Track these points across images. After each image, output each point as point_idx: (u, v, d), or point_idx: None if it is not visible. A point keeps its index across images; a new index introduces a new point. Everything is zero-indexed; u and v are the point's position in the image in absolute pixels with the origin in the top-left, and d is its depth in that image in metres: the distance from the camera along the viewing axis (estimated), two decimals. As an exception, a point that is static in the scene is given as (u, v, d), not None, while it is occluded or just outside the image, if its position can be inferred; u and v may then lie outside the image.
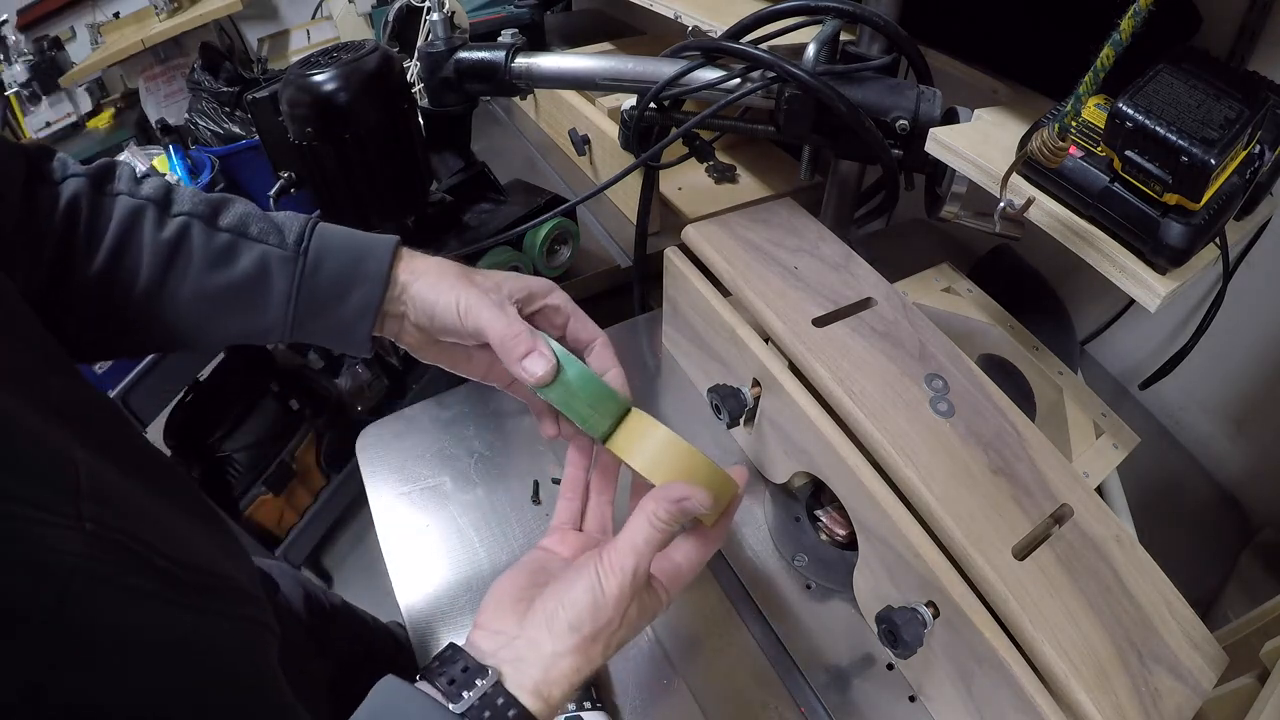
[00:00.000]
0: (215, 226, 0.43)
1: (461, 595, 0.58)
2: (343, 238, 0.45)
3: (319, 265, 0.44)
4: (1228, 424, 0.76)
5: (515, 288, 0.46)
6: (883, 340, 0.57)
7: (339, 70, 0.56)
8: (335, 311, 0.44)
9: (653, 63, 0.63)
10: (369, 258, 0.44)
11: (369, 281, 0.44)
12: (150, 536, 0.33)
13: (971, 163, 0.53)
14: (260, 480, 1.42)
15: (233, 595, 0.38)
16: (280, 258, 0.43)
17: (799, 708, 0.52)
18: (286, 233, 0.44)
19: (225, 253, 0.43)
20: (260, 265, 0.43)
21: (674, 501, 0.38)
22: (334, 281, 0.44)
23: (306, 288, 0.44)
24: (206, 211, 0.43)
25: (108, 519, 0.30)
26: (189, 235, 0.42)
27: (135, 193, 0.43)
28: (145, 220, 0.42)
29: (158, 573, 0.33)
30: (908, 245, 0.98)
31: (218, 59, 1.21)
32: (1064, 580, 0.44)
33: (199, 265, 0.42)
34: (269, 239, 0.43)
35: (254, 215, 0.44)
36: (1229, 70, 0.45)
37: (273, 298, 0.43)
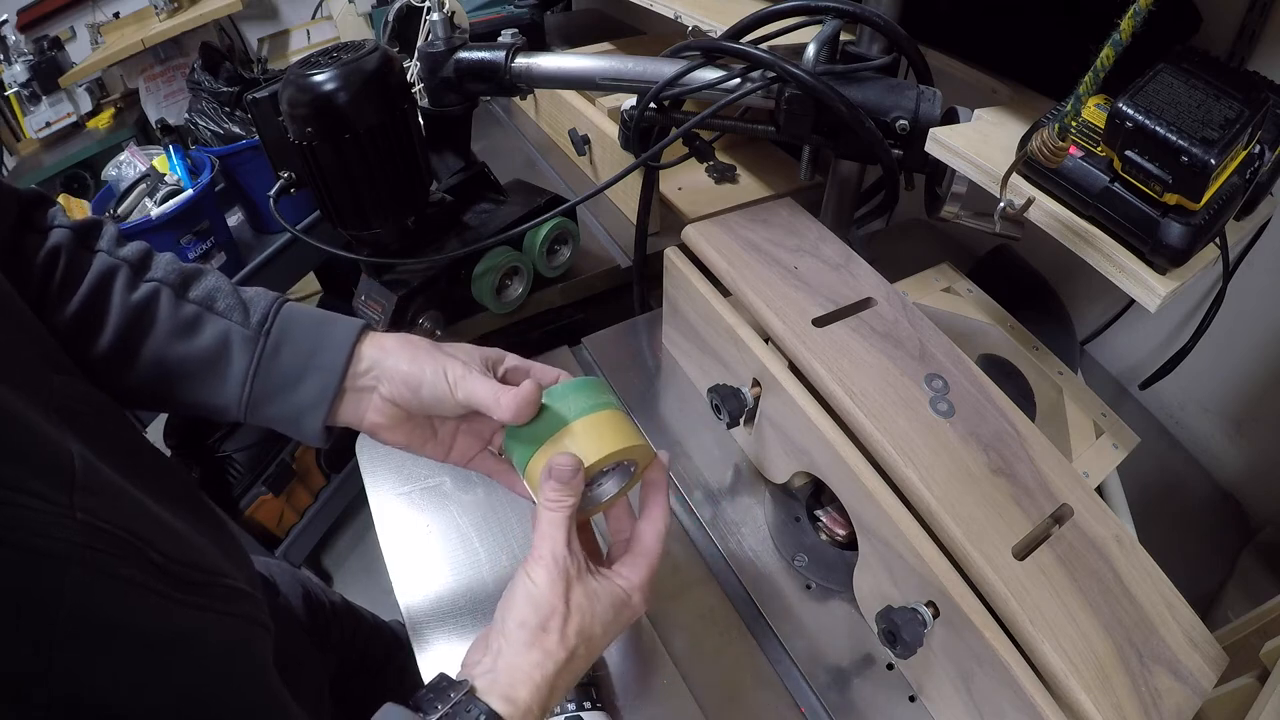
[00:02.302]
0: (184, 297, 0.44)
1: (461, 595, 0.58)
2: (307, 323, 0.45)
3: (278, 348, 0.44)
4: (1227, 424, 0.76)
5: (486, 355, 0.47)
6: (883, 340, 0.57)
7: (339, 70, 0.56)
8: (289, 398, 0.44)
9: (653, 63, 0.63)
10: (328, 345, 0.44)
11: (325, 371, 0.44)
12: (145, 532, 0.33)
13: (971, 163, 0.53)
14: (260, 480, 1.42)
15: (228, 592, 0.39)
16: (242, 336, 0.43)
17: (799, 708, 0.52)
18: (252, 311, 0.44)
19: (189, 324, 0.43)
20: (221, 341, 0.43)
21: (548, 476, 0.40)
22: (291, 366, 0.44)
23: (264, 370, 0.43)
24: (177, 280, 0.44)
25: (101, 511, 0.31)
26: (157, 301, 0.43)
27: (114, 252, 0.44)
28: (118, 280, 0.43)
29: (153, 567, 0.33)
30: (908, 245, 0.98)
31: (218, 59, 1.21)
32: (1064, 580, 0.44)
33: (163, 332, 0.43)
34: (233, 315, 0.44)
35: (222, 290, 0.45)
36: (1229, 70, 0.45)
37: (230, 376, 0.43)
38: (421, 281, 0.71)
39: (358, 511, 1.62)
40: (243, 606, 0.39)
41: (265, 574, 0.67)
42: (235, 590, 0.39)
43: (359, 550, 1.60)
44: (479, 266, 0.74)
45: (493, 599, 0.57)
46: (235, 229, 1.21)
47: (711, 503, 0.65)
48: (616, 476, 0.48)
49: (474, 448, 0.50)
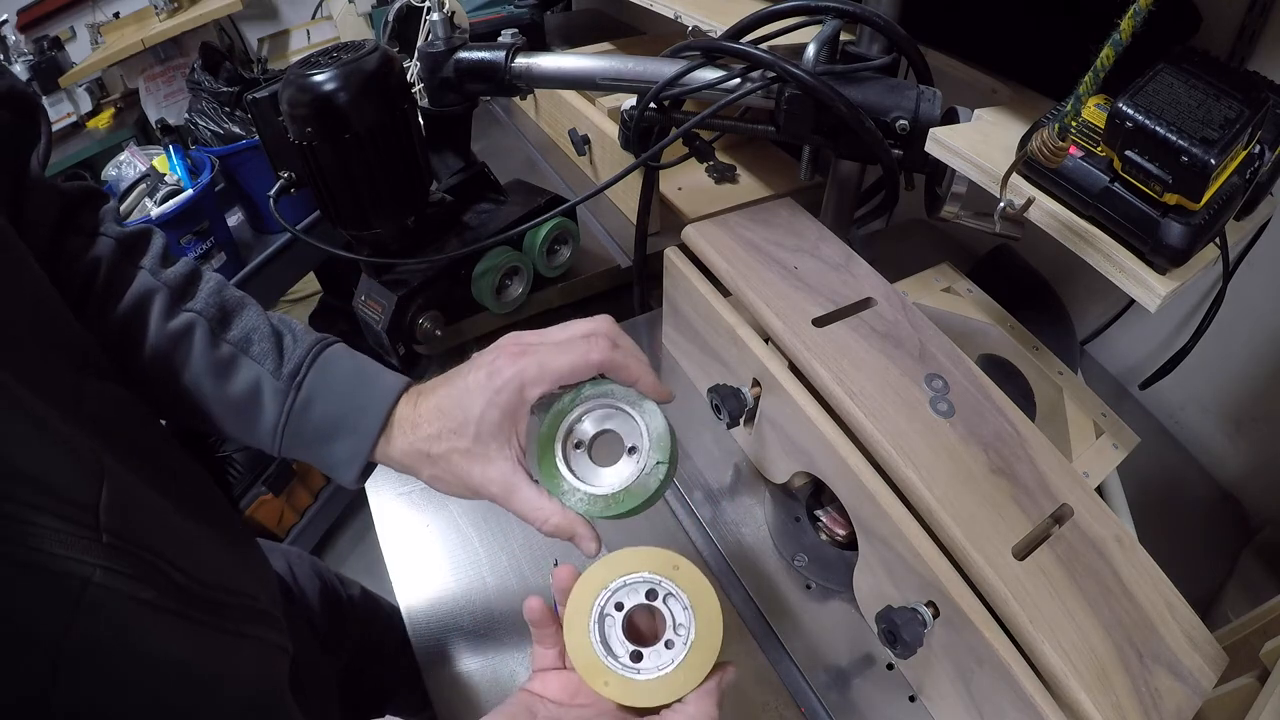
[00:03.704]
0: (221, 335, 0.42)
1: (461, 595, 0.58)
2: (344, 378, 0.43)
3: (309, 404, 0.42)
4: (1227, 423, 0.76)
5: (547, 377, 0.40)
6: (883, 340, 0.57)
7: (339, 70, 0.56)
8: (322, 450, 0.43)
9: (653, 63, 0.63)
10: (363, 408, 0.42)
11: (358, 436, 0.42)
12: (169, 550, 0.33)
13: (971, 163, 0.53)
14: (260, 480, 1.42)
15: (248, 614, 0.38)
16: (273, 387, 0.42)
17: (799, 708, 0.52)
18: (286, 358, 0.42)
19: (224, 365, 0.42)
20: (253, 389, 0.42)
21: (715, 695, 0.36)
22: (323, 424, 0.42)
23: (294, 422, 0.42)
24: (216, 314, 0.43)
25: (127, 532, 0.31)
26: (192, 336, 0.42)
27: (157, 272, 0.43)
28: (155, 304, 0.42)
29: (173, 587, 0.33)
30: (908, 245, 0.98)
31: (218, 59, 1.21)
32: (1064, 580, 0.44)
33: (196, 369, 0.42)
34: (266, 362, 0.42)
35: (260, 331, 0.43)
36: (1229, 70, 0.45)
37: (262, 422, 0.42)
38: (421, 281, 0.71)
39: (358, 511, 1.62)
40: (262, 629, 0.39)
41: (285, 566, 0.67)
42: (256, 611, 0.39)
43: (359, 550, 1.60)
44: (479, 266, 0.74)
45: (492, 598, 0.57)
46: (235, 229, 1.21)
47: (711, 503, 0.65)
48: None
49: None
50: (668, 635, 0.37)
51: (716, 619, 0.37)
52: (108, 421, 0.35)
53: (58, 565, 0.27)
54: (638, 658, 0.37)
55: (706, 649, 0.36)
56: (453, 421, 0.39)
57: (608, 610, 0.38)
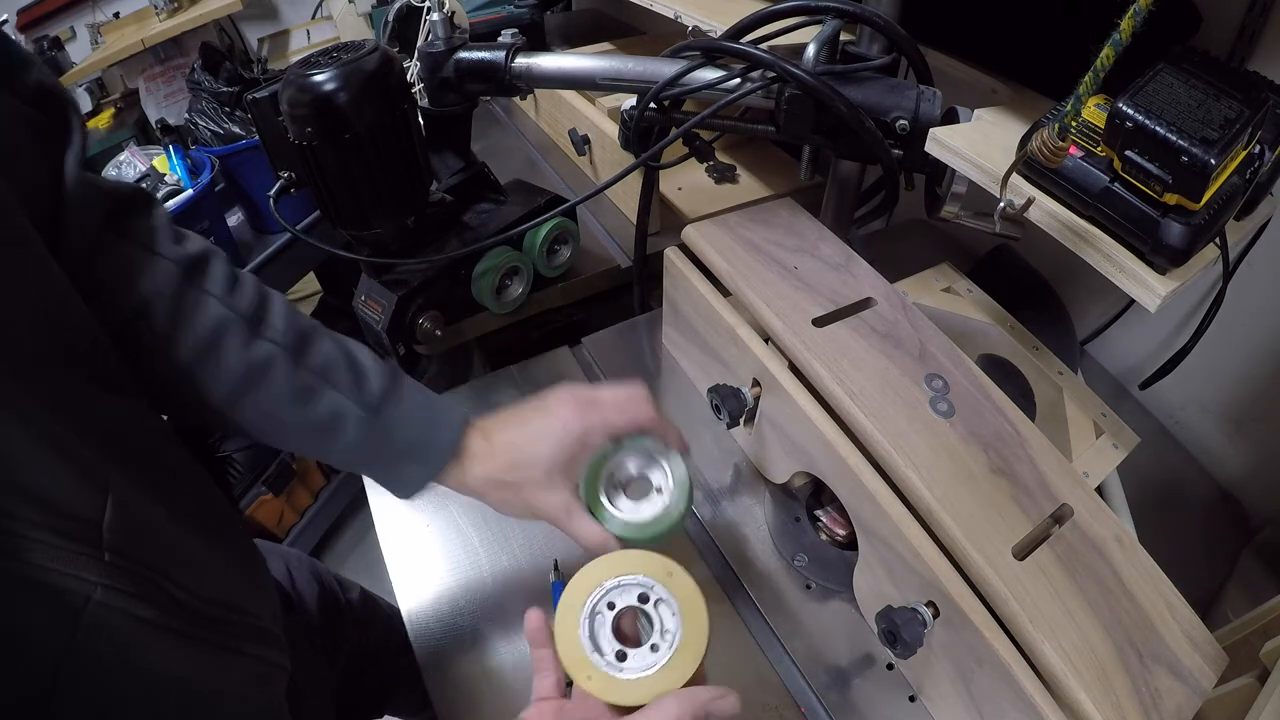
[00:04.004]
0: (300, 364, 0.44)
1: (461, 595, 0.58)
2: (418, 408, 0.47)
3: (389, 430, 0.45)
4: (1227, 424, 0.76)
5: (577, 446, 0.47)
6: (883, 340, 0.57)
7: (339, 70, 0.56)
8: (392, 470, 0.47)
9: (653, 63, 0.63)
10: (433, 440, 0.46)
11: (432, 461, 0.46)
12: (172, 568, 0.33)
13: (971, 163, 0.53)
14: (260, 480, 1.42)
15: (248, 632, 0.39)
16: (357, 416, 0.44)
17: (799, 708, 0.52)
18: (366, 389, 0.45)
19: (305, 393, 0.43)
20: (335, 415, 0.44)
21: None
22: (399, 447, 0.46)
23: (373, 446, 0.45)
24: (295, 343, 0.44)
25: (130, 549, 0.30)
26: (273, 366, 0.43)
27: (227, 301, 0.43)
28: (232, 336, 0.42)
29: (175, 605, 0.33)
30: (908, 245, 0.98)
31: (218, 59, 1.21)
32: (1064, 580, 0.44)
33: (277, 396, 0.43)
34: (349, 392, 0.44)
35: (339, 360, 0.45)
36: (1229, 70, 0.45)
37: (340, 445, 0.45)
38: (421, 281, 0.71)
39: (358, 511, 1.62)
40: (262, 648, 0.40)
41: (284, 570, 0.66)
42: (257, 630, 0.40)
43: (359, 550, 1.60)
44: (479, 266, 0.74)
45: (492, 597, 0.57)
46: (235, 229, 1.21)
47: (711, 503, 0.65)
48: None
49: None
50: (654, 639, 0.38)
51: (703, 628, 0.37)
52: (117, 436, 0.34)
53: (59, 582, 0.27)
54: (623, 657, 0.37)
55: (690, 656, 0.37)
56: (527, 458, 0.46)
57: (599, 608, 0.39)
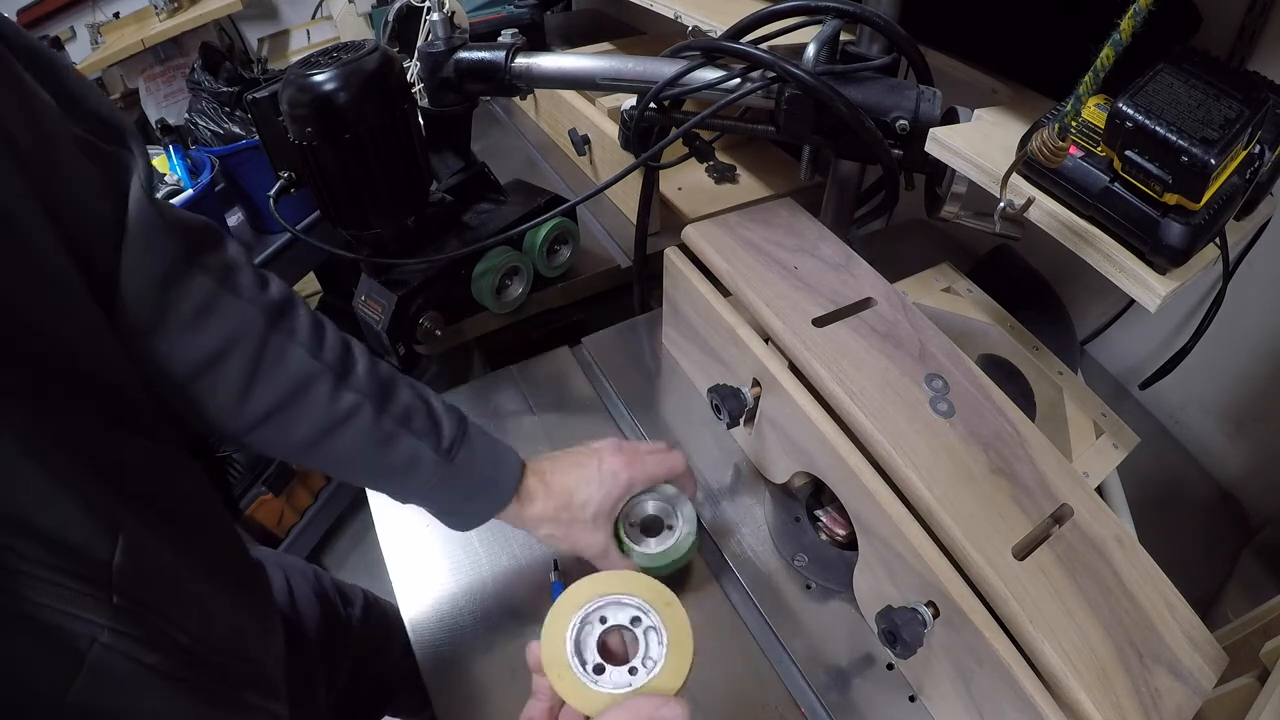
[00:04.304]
0: (384, 412, 0.46)
1: (461, 596, 0.58)
2: (483, 452, 0.50)
3: (459, 473, 0.48)
4: (1227, 424, 0.76)
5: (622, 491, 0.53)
6: (883, 340, 0.57)
7: (339, 70, 0.56)
8: (457, 507, 0.50)
9: (653, 63, 0.63)
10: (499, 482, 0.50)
11: (497, 499, 0.50)
12: (180, 614, 0.33)
13: (971, 163, 0.53)
14: (260, 480, 1.42)
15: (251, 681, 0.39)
16: (432, 460, 0.47)
17: (799, 708, 0.52)
18: (442, 435, 0.48)
19: (385, 439, 0.46)
20: (412, 459, 0.47)
21: None
22: (465, 488, 0.49)
23: (442, 488, 0.49)
24: (378, 394, 0.46)
25: (138, 593, 0.30)
26: (359, 416, 0.45)
27: (315, 352, 0.44)
28: (320, 387, 0.43)
29: (180, 652, 0.33)
30: (908, 245, 0.98)
31: (218, 59, 1.21)
32: (1064, 580, 0.44)
33: (358, 443, 0.45)
34: (427, 439, 0.47)
35: (418, 409, 0.48)
36: (1229, 70, 0.45)
37: (413, 485, 0.48)
38: (421, 281, 0.71)
39: (358, 511, 1.62)
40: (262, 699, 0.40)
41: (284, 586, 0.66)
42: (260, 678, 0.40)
43: (359, 550, 1.60)
44: (479, 266, 0.74)
45: (493, 598, 0.57)
46: (235, 229, 1.21)
47: (711, 503, 0.65)
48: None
49: None
50: (634, 663, 0.38)
51: (684, 666, 0.37)
52: (133, 476, 0.34)
53: (65, 623, 0.27)
54: (600, 670, 0.37)
55: (664, 688, 0.37)
56: (580, 500, 0.51)
57: (592, 618, 0.39)
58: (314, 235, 0.70)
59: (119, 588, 0.29)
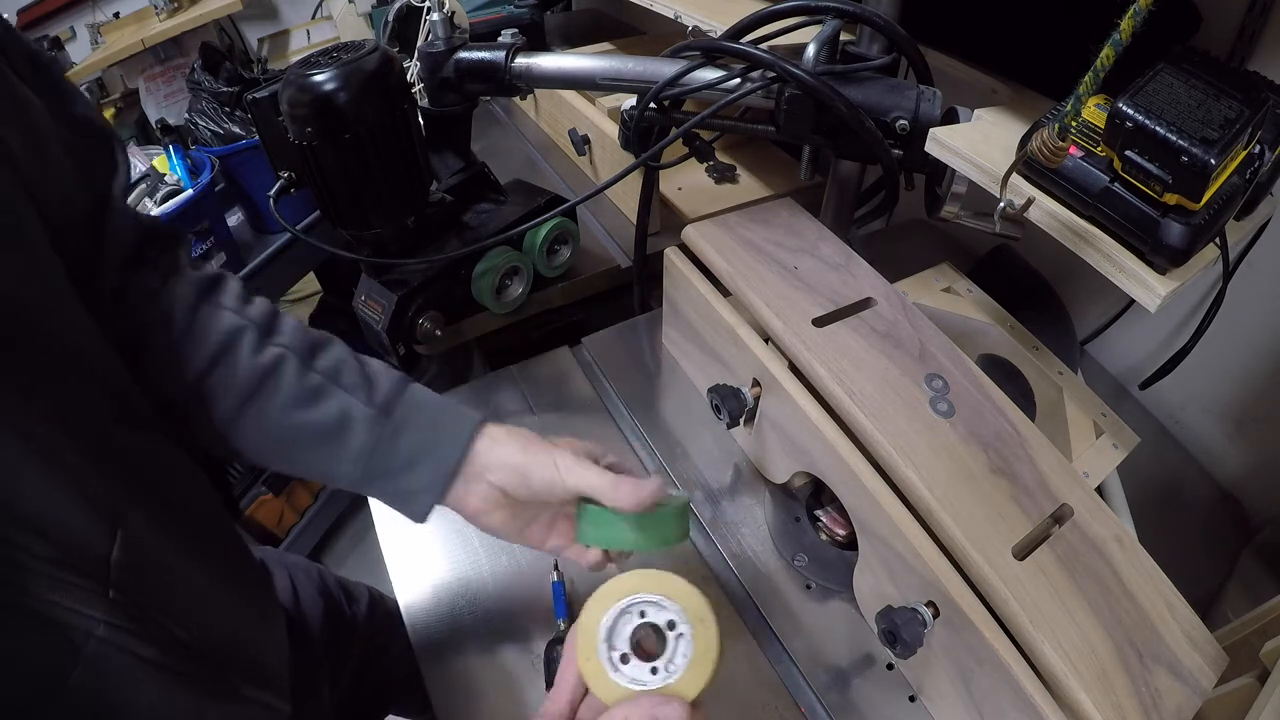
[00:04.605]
0: (309, 366, 0.43)
1: (460, 595, 0.58)
2: (428, 409, 0.45)
3: (398, 432, 0.44)
4: (1227, 424, 0.76)
5: (588, 449, 0.46)
6: (883, 340, 0.57)
7: (339, 70, 0.56)
8: (402, 480, 0.44)
9: (653, 63, 0.63)
10: (446, 437, 0.45)
11: (441, 461, 0.44)
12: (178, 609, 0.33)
13: (971, 163, 0.53)
14: (260, 480, 1.42)
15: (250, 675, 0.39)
16: (365, 415, 0.43)
17: (799, 708, 0.52)
18: (376, 390, 0.44)
19: (313, 395, 0.43)
20: (343, 416, 0.43)
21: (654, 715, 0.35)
22: (408, 452, 0.44)
23: (382, 450, 0.44)
24: (303, 348, 0.44)
25: (136, 588, 0.31)
26: (282, 367, 0.43)
27: (241, 312, 0.43)
28: (244, 341, 0.42)
29: (177, 646, 0.33)
30: (908, 245, 0.98)
31: (218, 59, 1.21)
32: (1064, 580, 0.44)
33: (285, 399, 0.43)
34: (357, 393, 0.44)
35: (348, 363, 0.45)
36: (1229, 70, 0.45)
37: (347, 451, 0.43)
38: (421, 281, 0.71)
39: (358, 511, 1.62)
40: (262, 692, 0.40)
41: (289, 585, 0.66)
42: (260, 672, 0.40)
43: (359, 550, 1.60)
44: (479, 266, 0.74)
45: (493, 598, 0.57)
46: (235, 229, 1.21)
47: (711, 503, 0.65)
48: None
49: (567, 537, 0.49)
50: (658, 663, 0.38)
51: (701, 681, 0.37)
52: (133, 469, 0.34)
53: (61, 616, 0.27)
54: (625, 660, 0.38)
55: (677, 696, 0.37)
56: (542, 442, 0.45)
57: (632, 610, 0.39)
58: (314, 235, 0.70)
59: (116, 583, 0.30)
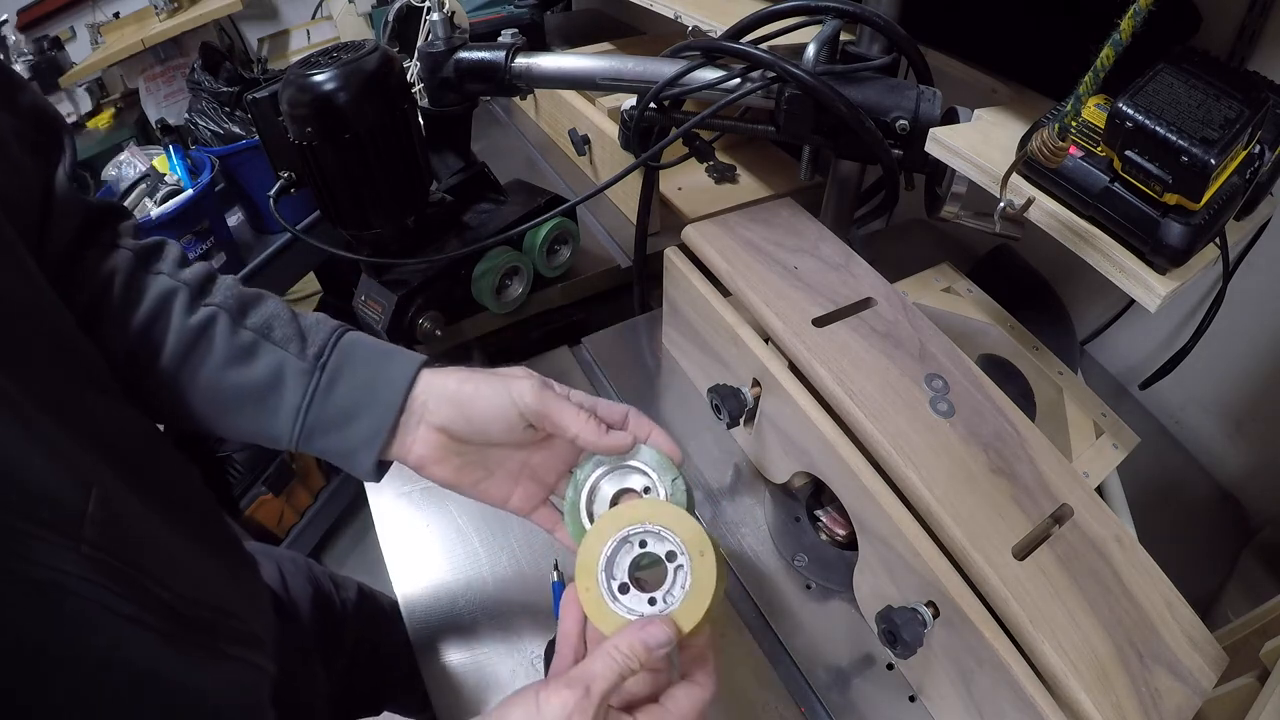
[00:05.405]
0: (241, 323, 0.42)
1: (461, 595, 0.58)
2: (366, 357, 0.43)
3: (333, 383, 0.42)
4: (1227, 424, 0.76)
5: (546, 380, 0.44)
6: (883, 340, 0.57)
7: (339, 70, 0.56)
8: (343, 433, 0.42)
9: (653, 63, 0.63)
10: (385, 382, 0.42)
11: (381, 406, 0.42)
12: (155, 566, 0.33)
13: (971, 163, 0.53)
14: (260, 480, 1.42)
15: (233, 634, 0.39)
16: (297, 368, 0.42)
17: (799, 708, 0.52)
18: (309, 343, 0.43)
19: (245, 352, 0.42)
20: (275, 372, 0.42)
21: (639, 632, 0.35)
22: (345, 402, 0.42)
23: (317, 404, 0.42)
24: (235, 306, 0.43)
25: (111, 545, 0.31)
26: (214, 326, 0.42)
27: (175, 275, 0.43)
28: (176, 302, 0.42)
29: (157, 603, 0.33)
30: (908, 245, 0.98)
31: (218, 59, 1.21)
32: (1064, 580, 0.44)
33: (218, 358, 0.42)
34: (289, 346, 0.42)
35: (280, 317, 0.43)
36: (1229, 70, 0.45)
37: (283, 407, 0.42)
38: (421, 281, 0.71)
39: (358, 511, 1.62)
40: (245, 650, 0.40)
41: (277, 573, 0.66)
42: (242, 632, 0.40)
43: (359, 550, 1.60)
44: (479, 266, 0.74)
45: (492, 598, 0.57)
46: (235, 229, 1.21)
47: (711, 503, 0.65)
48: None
49: (537, 495, 0.46)
50: (657, 594, 0.38)
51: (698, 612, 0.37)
52: (104, 436, 0.35)
53: (40, 574, 0.28)
54: (624, 590, 0.38)
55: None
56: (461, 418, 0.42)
57: (632, 540, 0.38)
58: (314, 235, 0.70)
59: (91, 539, 0.30)
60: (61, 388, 0.34)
